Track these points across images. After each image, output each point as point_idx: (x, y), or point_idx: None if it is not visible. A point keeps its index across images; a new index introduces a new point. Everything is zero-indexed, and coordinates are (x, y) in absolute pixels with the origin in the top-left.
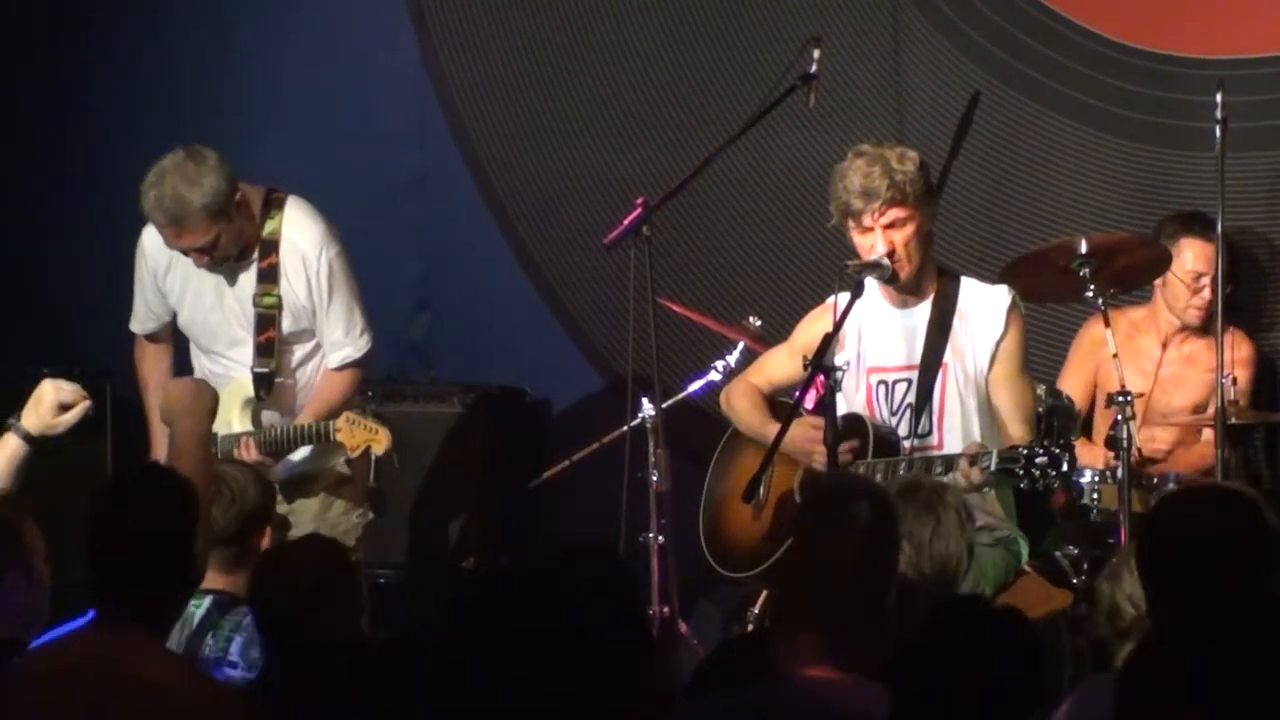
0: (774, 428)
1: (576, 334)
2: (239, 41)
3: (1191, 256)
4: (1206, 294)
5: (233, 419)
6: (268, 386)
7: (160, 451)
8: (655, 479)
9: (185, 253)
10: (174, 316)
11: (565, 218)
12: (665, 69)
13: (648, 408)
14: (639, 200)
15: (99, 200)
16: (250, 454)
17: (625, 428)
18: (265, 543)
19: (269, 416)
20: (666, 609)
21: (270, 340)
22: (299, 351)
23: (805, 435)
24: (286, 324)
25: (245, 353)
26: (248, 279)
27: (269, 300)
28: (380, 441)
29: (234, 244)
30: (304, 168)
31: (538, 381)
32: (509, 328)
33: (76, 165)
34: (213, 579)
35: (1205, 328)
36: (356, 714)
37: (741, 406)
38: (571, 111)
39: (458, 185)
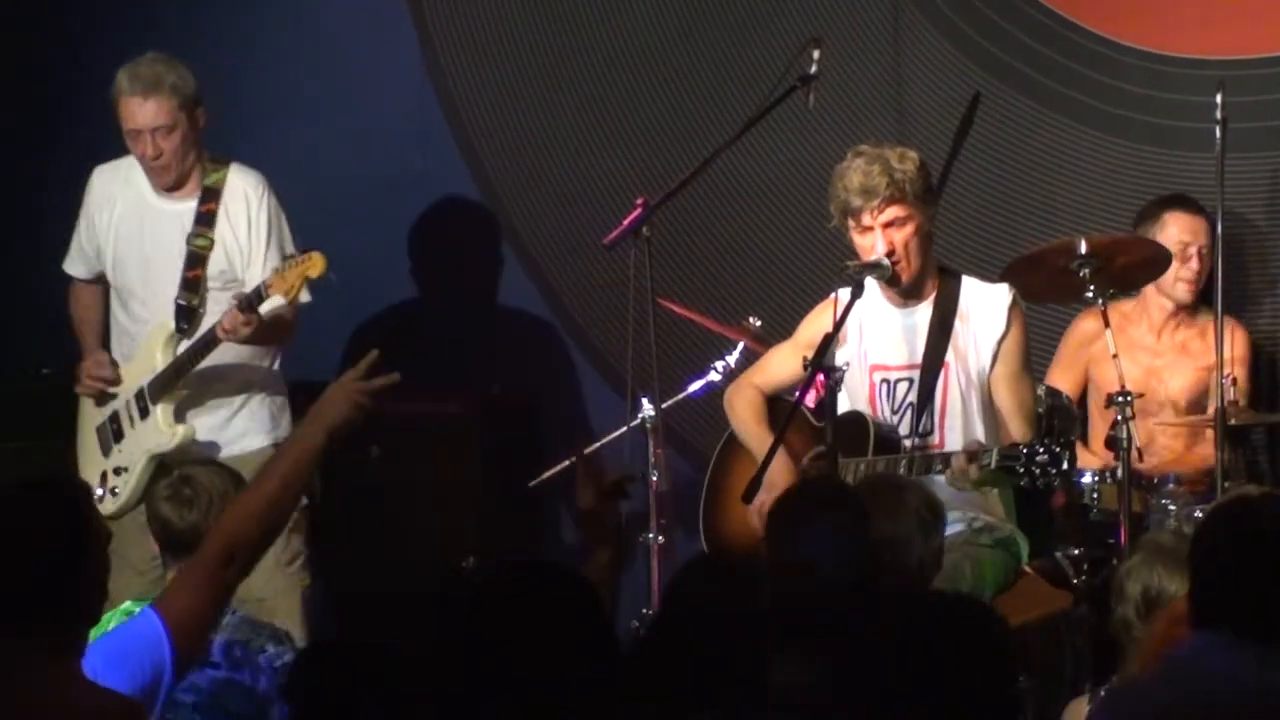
0: (769, 442)
1: (576, 334)
2: (239, 42)
3: (1176, 230)
4: (1194, 264)
5: (156, 359)
6: (189, 319)
7: (91, 341)
8: (655, 479)
9: (137, 136)
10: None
11: (565, 217)
12: (665, 69)
13: (648, 408)
14: (639, 200)
15: None
16: (238, 315)
17: (625, 428)
18: None
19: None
20: None
21: (197, 278)
22: (215, 301)
23: (772, 483)
24: (217, 266)
25: (167, 295)
26: (184, 219)
27: (201, 242)
28: (315, 264)
29: (182, 158)
30: (304, 168)
31: (538, 382)
32: (509, 328)
33: (77, 165)
34: None
35: (1196, 315)
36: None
37: (742, 415)
38: (571, 111)
39: (458, 185)
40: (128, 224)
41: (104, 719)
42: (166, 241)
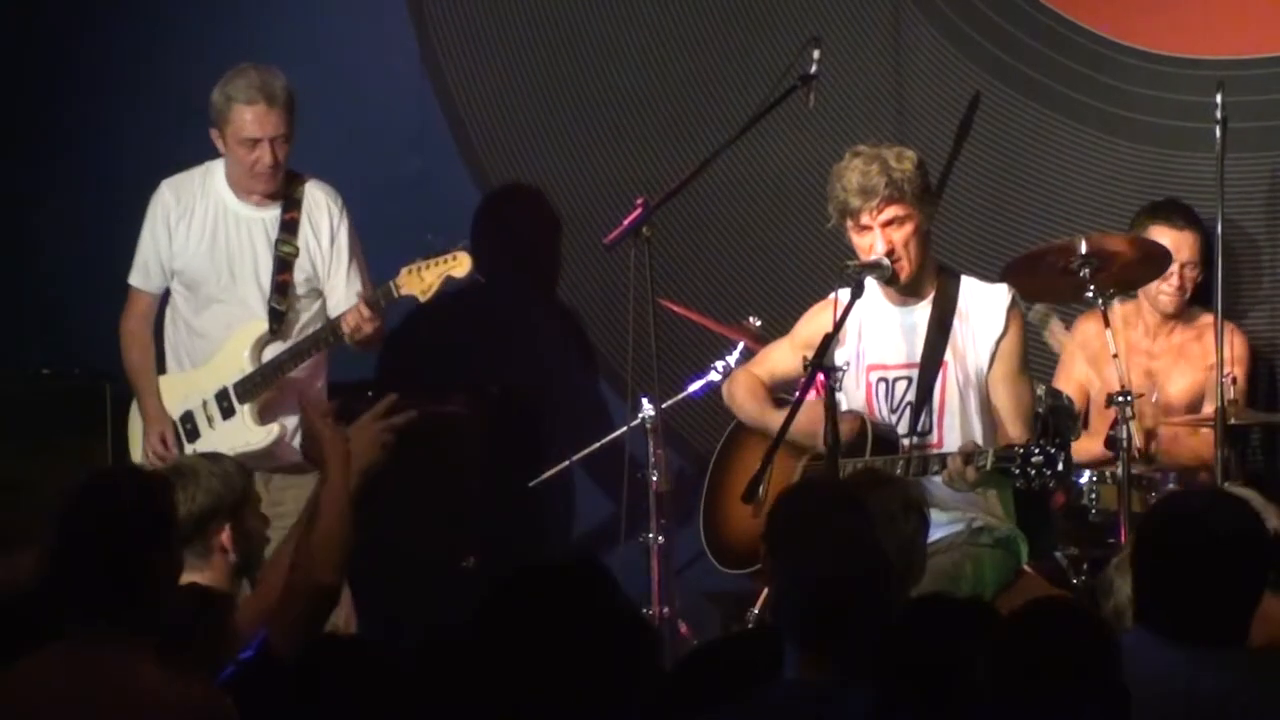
0: (776, 416)
1: (576, 334)
2: (240, 43)
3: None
4: (1175, 279)
5: (244, 360)
6: (280, 321)
7: (148, 394)
8: (655, 479)
9: (254, 146)
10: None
11: (565, 218)
12: (665, 69)
13: (648, 408)
14: (639, 200)
15: (99, 200)
16: (364, 311)
17: (625, 428)
18: (226, 539)
19: (274, 353)
20: (666, 609)
21: (286, 282)
22: (304, 309)
23: (814, 418)
24: (302, 273)
25: (253, 298)
26: (268, 225)
27: (288, 248)
28: (461, 263)
29: (283, 167)
30: (304, 168)
31: (538, 381)
32: (509, 328)
33: (77, 166)
34: (188, 577)
35: (1194, 318)
36: (356, 715)
37: (743, 397)
38: (571, 111)
39: (458, 185)
40: (211, 231)
41: (189, 707)
42: (251, 247)
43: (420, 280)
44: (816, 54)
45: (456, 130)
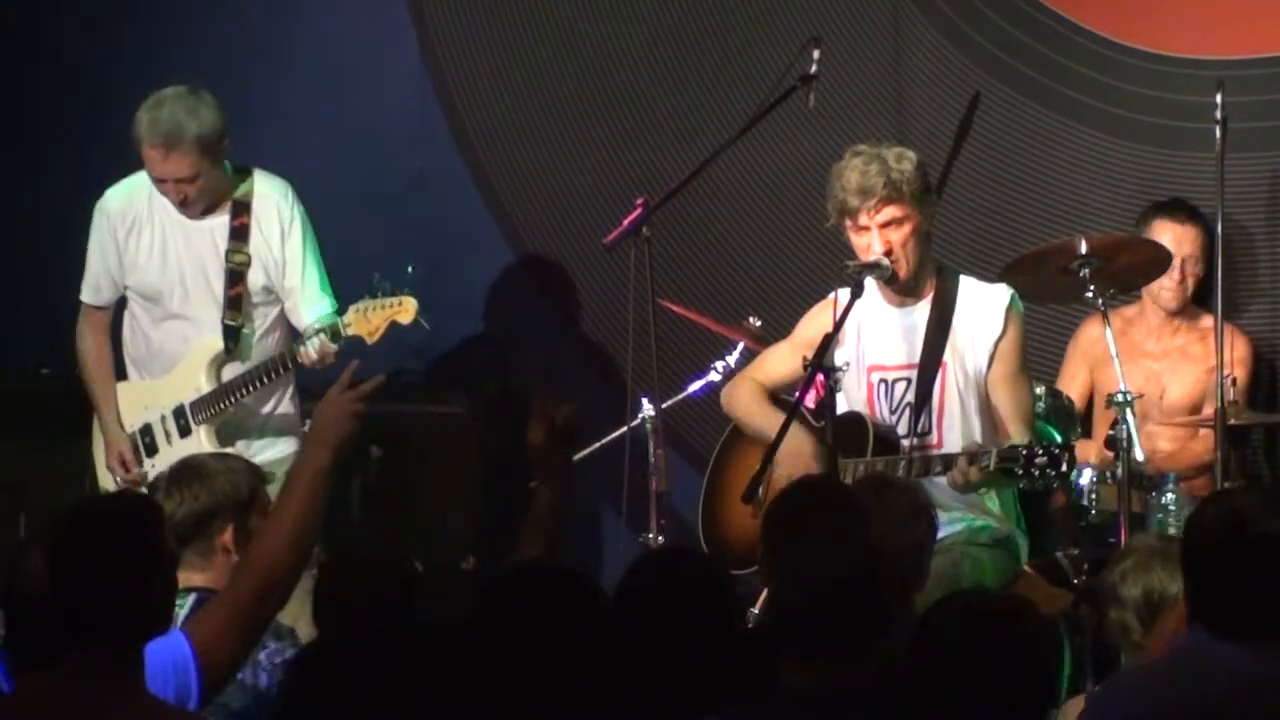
0: (776, 424)
1: (576, 334)
2: (238, 42)
3: (1164, 238)
4: (1176, 274)
5: (200, 379)
6: (236, 338)
7: (106, 410)
8: (655, 479)
9: (161, 182)
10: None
11: (565, 217)
12: (665, 69)
13: (648, 408)
14: (639, 200)
15: (98, 200)
16: (327, 346)
17: (625, 428)
18: (229, 539)
19: (232, 371)
20: None
21: (239, 296)
22: (260, 317)
23: (797, 450)
24: (257, 281)
25: (209, 312)
26: (219, 237)
27: (239, 258)
28: (406, 310)
29: (208, 193)
30: (304, 168)
31: (537, 382)
32: (509, 327)
33: (75, 165)
34: (188, 576)
35: (1197, 319)
36: (356, 714)
37: (743, 403)
38: (571, 111)
39: (458, 185)
40: (159, 243)
41: None
42: (200, 258)
43: (367, 322)
44: (816, 54)
45: (456, 130)
